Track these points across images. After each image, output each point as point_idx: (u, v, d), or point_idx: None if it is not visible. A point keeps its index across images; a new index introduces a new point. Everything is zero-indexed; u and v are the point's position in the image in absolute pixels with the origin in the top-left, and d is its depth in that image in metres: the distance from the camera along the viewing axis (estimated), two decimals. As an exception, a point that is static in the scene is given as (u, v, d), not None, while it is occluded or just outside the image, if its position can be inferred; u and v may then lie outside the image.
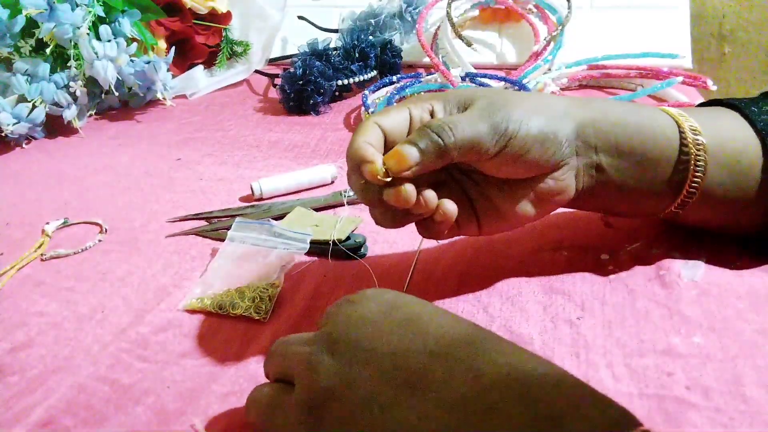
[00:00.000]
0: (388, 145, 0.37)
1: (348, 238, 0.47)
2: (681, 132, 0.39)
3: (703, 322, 0.37)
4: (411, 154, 0.34)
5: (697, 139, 0.38)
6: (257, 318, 0.41)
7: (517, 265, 0.43)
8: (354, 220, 0.50)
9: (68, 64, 0.71)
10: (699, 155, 0.38)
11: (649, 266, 0.42)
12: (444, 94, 0.39)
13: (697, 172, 0.38)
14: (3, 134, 0.67)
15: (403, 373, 0.26)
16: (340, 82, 0.77)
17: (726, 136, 0.39)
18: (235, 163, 0.64)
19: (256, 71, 0.89)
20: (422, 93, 0.77)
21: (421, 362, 0.26)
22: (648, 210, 0.41)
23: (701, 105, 0.46)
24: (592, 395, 0.23)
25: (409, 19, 0.89)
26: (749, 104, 0.40)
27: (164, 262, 0.47)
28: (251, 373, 0.36)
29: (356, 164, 0.35)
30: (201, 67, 0.88)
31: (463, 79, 0.76)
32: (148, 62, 0.75)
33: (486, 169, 0.38)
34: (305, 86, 0.74)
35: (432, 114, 0.38)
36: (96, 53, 0.71)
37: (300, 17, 0.95)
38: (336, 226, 0.49)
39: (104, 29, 0.72)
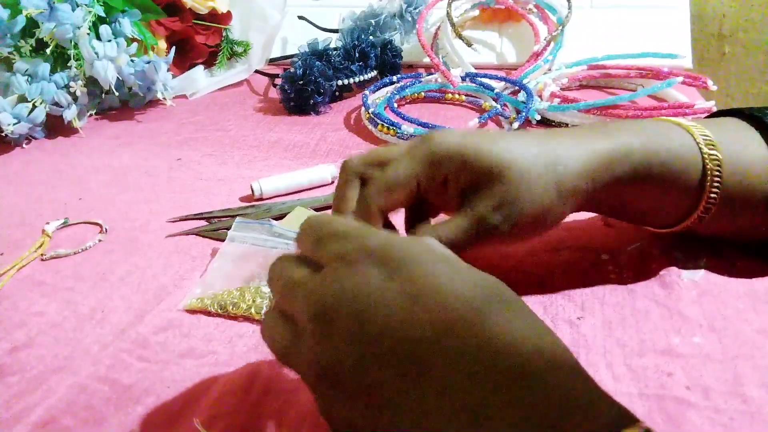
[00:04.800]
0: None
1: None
2: (704, 171, 0.36)
3: (703, 322, 0.37)
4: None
5: (716, 181, 0.36)
6: (257, 318, 0.40)
7: (516, 264, 0.43)
8: (354, 220, 0.50)
9: (68, 64, 0.71)
10: (713, 197, 0.37)
11: (649, 266, 0.42)
12: (471, 169, 0.35)
13: (711, 199, 0.37)
14: (3, 134, 0.67)
15: (401, 357, 0.24)
16: (340, 82, 0.77)
17: (744, 159, 0.37)
18: (235, 163, 0.64)
19: (256, 71, 0.89)
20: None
21: (416, 347, 0.24)
22: (650, 226, 0.42)
23: (715, 115, 0.44)
24: (587, 390, 0.23)
25: (409, 19, 0.89)
26: (763, 113, 0.39)
27: (164, 262, 0.47)
28: (251, 373, 0.36)
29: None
30: (201, 67, 0.89)
31: (463, 79, 0.77)
32: (148, 62, 0.75)
33: None
34: (305, 86, 0.74)
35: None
36: (96, 53, 0.71)
37: (300, 17, 0.95)
38: (336, 226, 0.49)
39: (104, 29, 0.72)
